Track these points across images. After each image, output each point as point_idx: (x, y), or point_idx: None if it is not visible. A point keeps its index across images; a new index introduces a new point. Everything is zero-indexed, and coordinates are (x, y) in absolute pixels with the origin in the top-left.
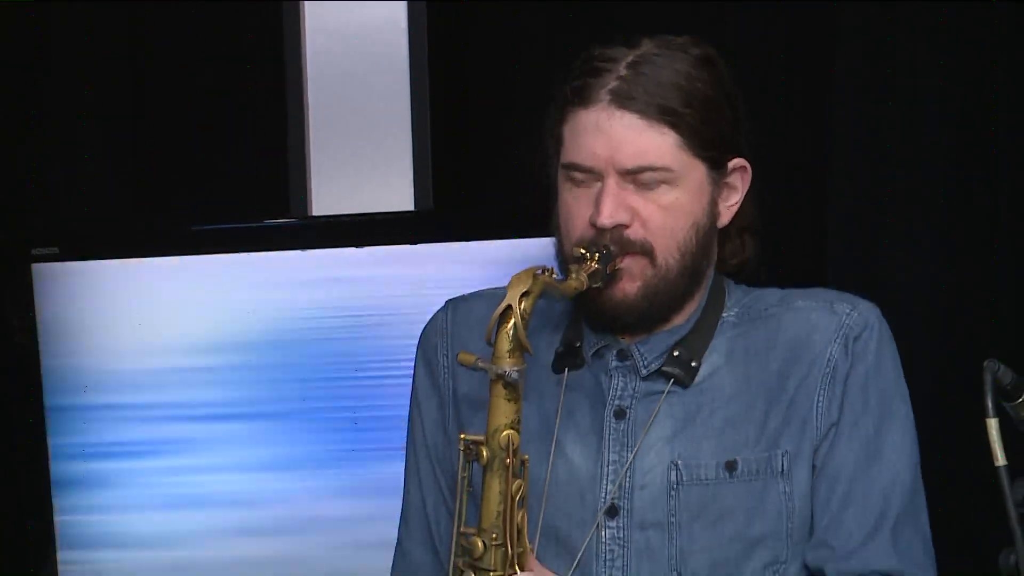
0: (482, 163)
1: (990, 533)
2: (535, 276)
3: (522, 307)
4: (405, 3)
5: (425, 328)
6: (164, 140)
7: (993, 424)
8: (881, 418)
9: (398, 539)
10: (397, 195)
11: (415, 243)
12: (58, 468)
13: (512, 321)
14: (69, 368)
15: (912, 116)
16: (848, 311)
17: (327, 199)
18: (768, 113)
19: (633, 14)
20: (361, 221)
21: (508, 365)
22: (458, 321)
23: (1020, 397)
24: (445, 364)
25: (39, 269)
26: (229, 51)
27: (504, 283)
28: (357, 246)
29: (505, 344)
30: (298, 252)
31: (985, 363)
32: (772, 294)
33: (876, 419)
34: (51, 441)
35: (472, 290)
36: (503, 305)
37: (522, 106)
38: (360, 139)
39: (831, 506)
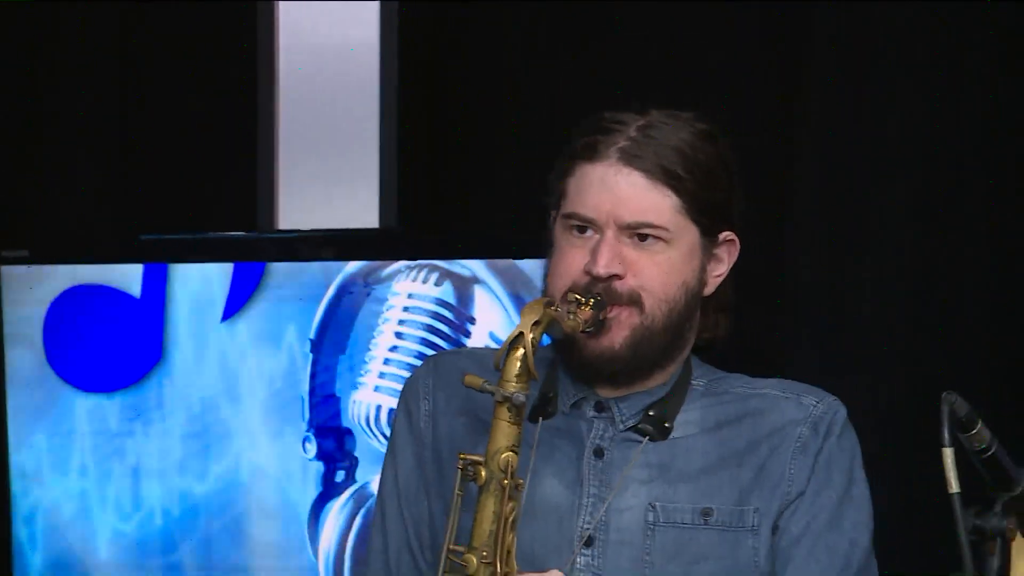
0: (450, 182)
1: (944, 559)
2: (545, 307)
3: (532, 335)
4: (377, 3)
5: (407, 381)
6: (136, 148)
7: (948, 453)
8: (842, 494)
9: None
10: (364, 211)
11: (378, 259)
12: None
13: (522, 348)
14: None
15: (877, 164)
16: (815, 403)
17: (294, 213)
18: None
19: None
20: (324, 237)
21: (515, 389)
22: (441, 375)
23: (974, 428)
24: (427, 412)
25: (8, 272)
26: (202, 57)
27: None
28: (320, 260)
29: (514, 369)
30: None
31: (943, 395)
32: (737, 378)
33: (839, 494)
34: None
35: None
36: (516, 332)
37: (494, 126)
38: (328, 155)
39: (796, 561)
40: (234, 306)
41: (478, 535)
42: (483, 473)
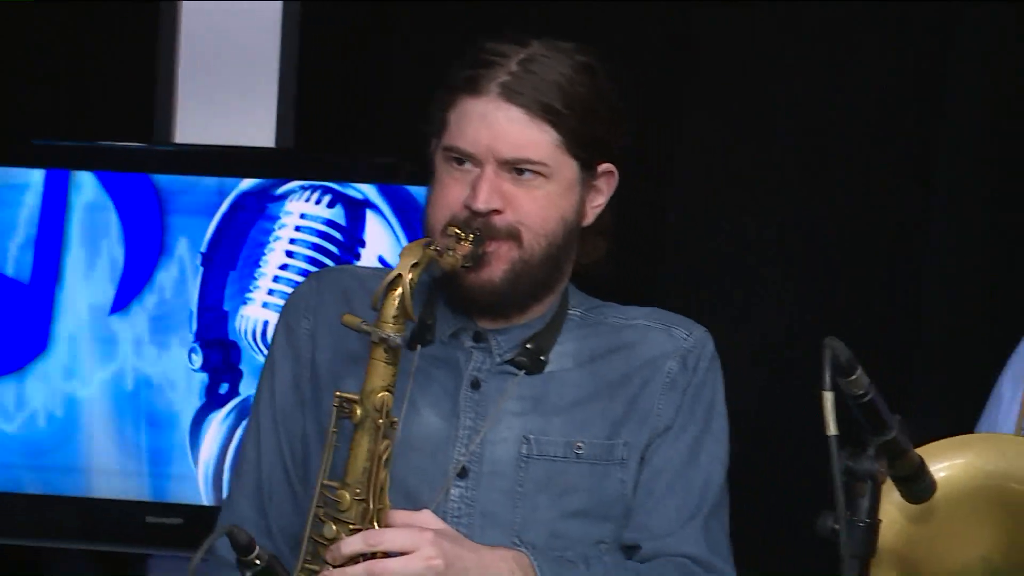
0: (348, 106)
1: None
2: (424, 249)
3: (410, 277)
4: None
5: (290, 296)
6: (36, 57)
7: (828, 397)
8: (703, 429)
9: (228, 491)
10: (261, 130)
11: (271, 178)
12: None
13: (400, 289)
14: None
15: (761, 135)
16: (685, 336)
17: (191, 128)
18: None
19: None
20: (220, 152)
21: (392, 330)
22: (323, 292)
23: (854, 374)
24: (307, 329)
25: None
26: None
27: None
28: (214, 175)
29: (391, 310)
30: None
31: (825, 340)
32: (612, 307)
33: (700, 428)
34: None
35: None
36: (394, 273)
37: (393, 53)
38: (228, 72)
39: (655, 493)
40: (128, 217)
41: (352, 472)
42: (358, 411)
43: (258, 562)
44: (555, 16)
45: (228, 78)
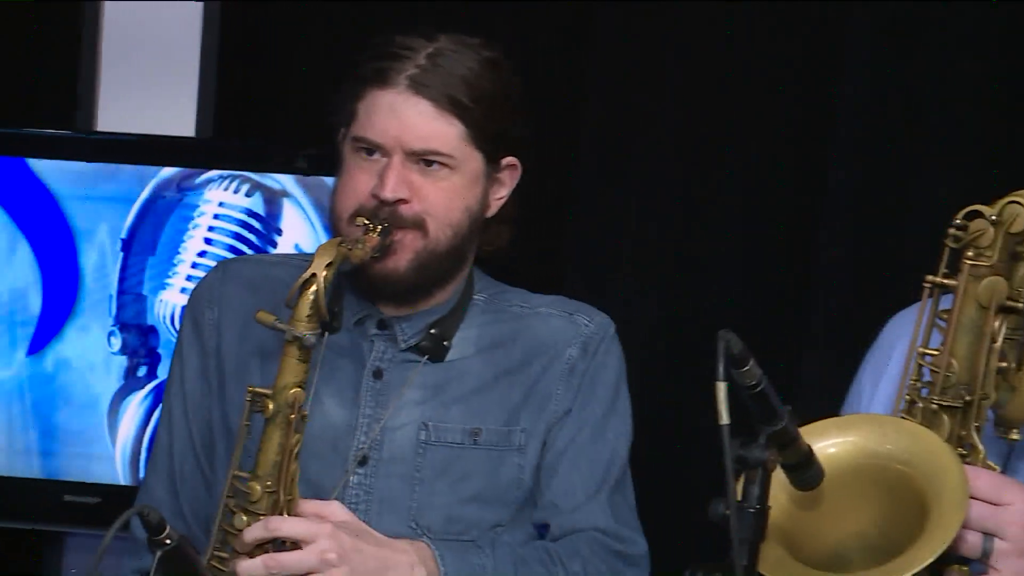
0: (267, 97)
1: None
2: (337, 247)
3: (324, 276)
4: None
5: (195, 287)
6: None
7: (722, 387)
8: (606, 410)
9: (144, 475)
10: (181, 119)
11: (191, 167)
12: None
13: (315, 288)
14: None
15: (659, 128)
16: (587, 323)
17: (114, 116)
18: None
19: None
20: (141, 141)
21: (305, 329)
22: (227, 282)
23: (747, 365)
24: (212, 321)
25: None
26: None
27: None
28: (135, 163)
29: (305, 309)
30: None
31: (720, 332)
32: (516, 293)
33: (603, 408)
34: None
35: None
36: (308, 273)
37: (314, 44)
38: (150, 62)
39: (560, 472)
40: (49, 203)
41: (263, 464)
42: (270, 406)
43: (168, 542)
44: (460, 8)
45: (150, 68)
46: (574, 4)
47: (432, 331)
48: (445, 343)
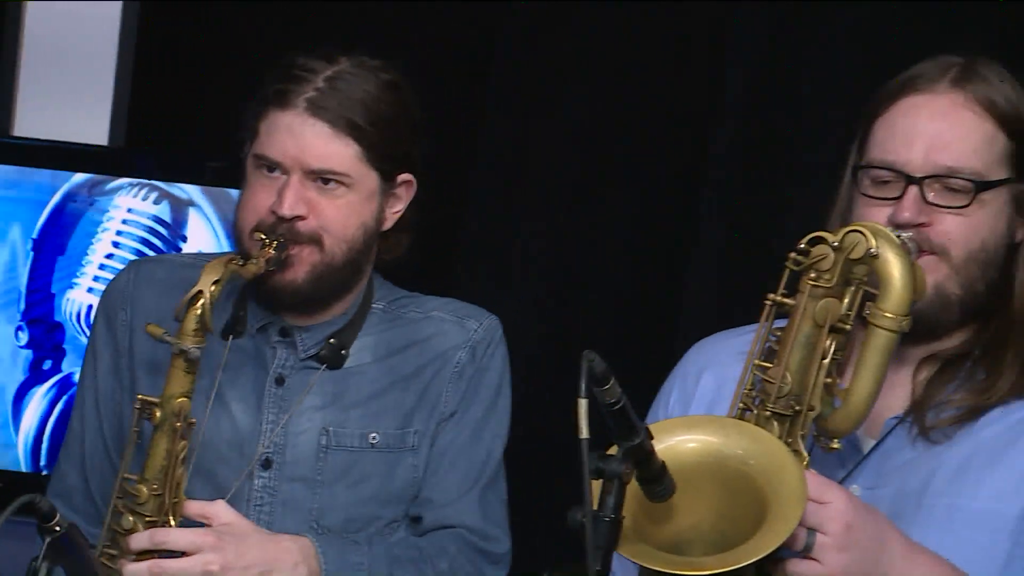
0: (179, 110)
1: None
2: (226, 265)
3: (211, 291)
4: None
5: (108, 286)
6: None
7: (583, 404)
8: (486, 410)
9: (58, 461)
10: (95, 128)
11: (102, 174)
12: None
13: (201, 303)
14: None
15: (548, 144)
16: (476, 327)
17: (30, 122)
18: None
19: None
20: (55, 147)
21: (191, 343)
22: (139, 282)
23: (608, 384)
24: (124, 320)
25: None
26: None
27: None
28: (49, 168)
29: (192, 324)
30: None
31: (584, 352)
32: (413, 298)
33: (484, 409)
34: None
35: None
36: (195, 290)
37: (226, 58)
38: (68, 72)
39: (439, 470)
40: None
41: (150, 468)
42: (158, 414)
43: (57, 529)
44: (369, 25)
45: (67, 77)
46: (475, 27)
47: (331, 340)
48: (343, 352)
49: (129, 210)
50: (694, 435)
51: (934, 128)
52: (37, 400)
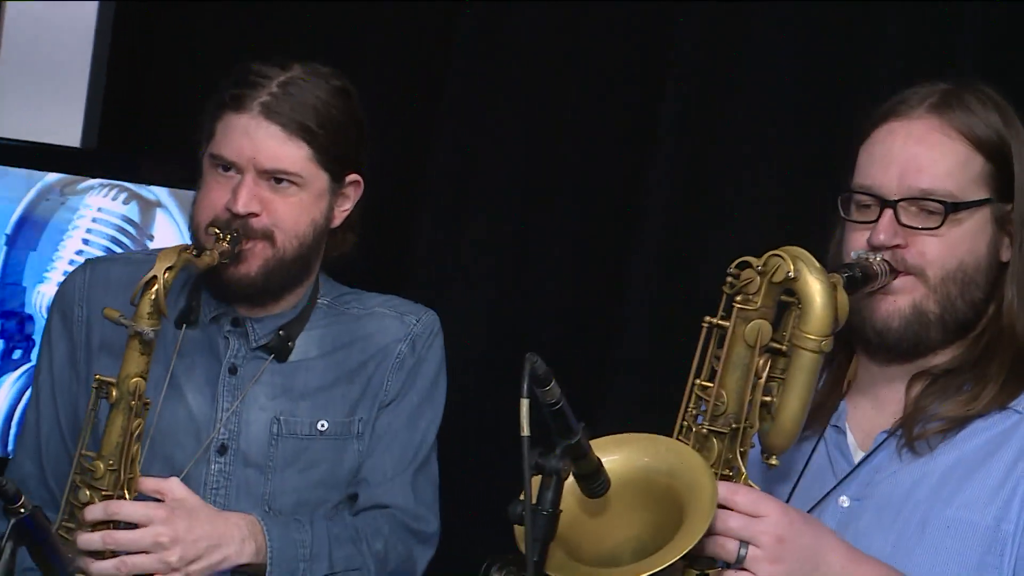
0: (149, 114)
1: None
2: (180, 253)
3: (165, 277)
4: None
5: (63, 283)
6: None
7: (524, 403)
8: (423, 398)
9: (14, 450)
10: (69, 129)
11: (74, 174)
12: None
13: (156, 288)
14: None
15: (501, 146)
16: (415, 321)
17: (7, 123)
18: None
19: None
20: (30, 147)
21: (146, 325)
22: (94, 281)
23: (548, 385)
24: (80, 316)
25: None
26: None
27: None
28: (23, 168)
29: (146, 307)
30: None
31: (527, 355)
32: (355, 295)
33: (420, 397)
34: None
35: None
36: (149, 275)
37: (193, 62)
38: (43, 77)
39: (376, 453)
40: None
41: (107, 445)
42: (114, 393)
43: (22, 511)
44: (332, 31)
45: (43, 81)
46: (430, 36)
47: (280, 332)
48: (290, 344)
49: (99, 209)
50: (625, 452)
51: (908, 152)
52: (7, 388)
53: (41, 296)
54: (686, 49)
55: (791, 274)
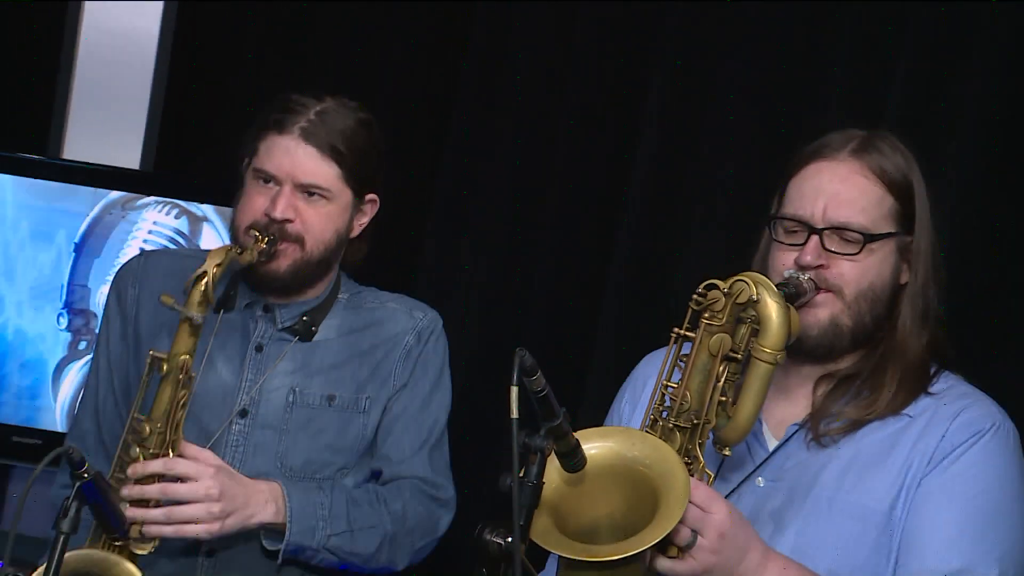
0: (199, 140)
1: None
2: (227, 252)
3: (214, 272)
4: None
5: (121, 267)
6: None
7: (514, 391)
8: (433, 385)
9: (76, 412)
10: (130, 152)
11: (134, 192)
12: None
13: (205, 280)
14: None
15: (490, 190)
16: (421, 317)
17: (78, 146)
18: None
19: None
20: (97, 169)
21: (196, 312)
22: (148, 268)
23: (535, 375)
24: (133, 296)
25: None
26: (16, 16)
27: None
28: (90, 186)
29: (196, 297)
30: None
31: (516, 349)
32: (371, 292)
33: (431, 384)
34: None
35: None
36: (201, 269)
37: (237, 102)
38: (109, 107)
39: (395, 432)
40: (20, 211)
41: (156, 410)
42: (165, 367)
43: (86, 475)
44: (349, 71)
45: (108, 112)
46: (438, 74)
47: (304, 318)
48: (313, 328)
49: (154, 223)
50: (606, 442)
51: (833, 189)
52: (73, 374)
53: (103, 296)
54: (666, 67)
55: (754, 297)
